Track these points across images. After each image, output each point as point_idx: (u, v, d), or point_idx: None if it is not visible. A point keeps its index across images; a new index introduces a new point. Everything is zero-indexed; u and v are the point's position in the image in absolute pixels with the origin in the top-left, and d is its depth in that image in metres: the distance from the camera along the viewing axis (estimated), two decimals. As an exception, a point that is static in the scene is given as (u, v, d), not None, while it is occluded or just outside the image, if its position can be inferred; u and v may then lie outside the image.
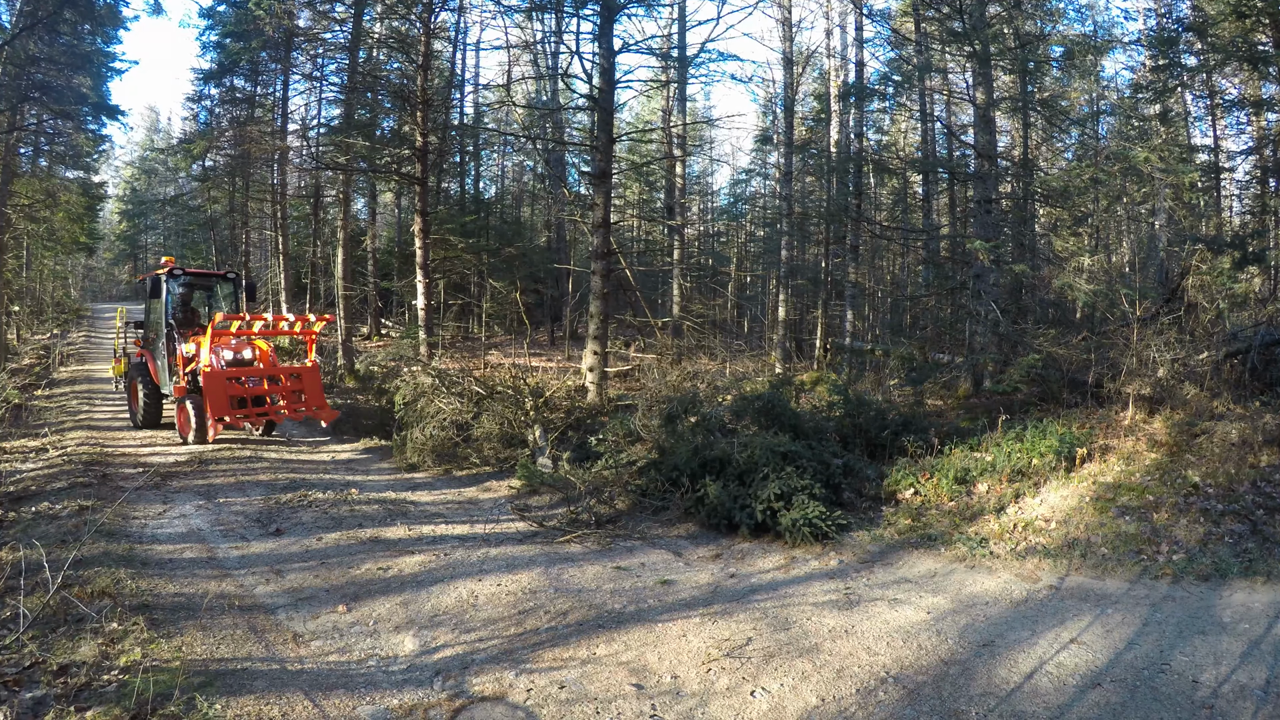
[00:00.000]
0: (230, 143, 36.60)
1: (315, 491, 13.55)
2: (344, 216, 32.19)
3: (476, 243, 34.05)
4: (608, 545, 10.98)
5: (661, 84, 36.38)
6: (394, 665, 7.19)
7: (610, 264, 20.53)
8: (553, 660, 7.22)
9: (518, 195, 49.08)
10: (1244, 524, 9.56)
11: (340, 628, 7.99)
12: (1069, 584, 8.87)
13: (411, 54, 28.19)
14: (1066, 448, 11.89)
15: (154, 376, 19.66)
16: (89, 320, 45.66)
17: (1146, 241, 32.27)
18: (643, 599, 8.78)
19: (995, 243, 17.30)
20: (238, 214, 40.80)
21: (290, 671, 6.97)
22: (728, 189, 58.29)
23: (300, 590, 9.02)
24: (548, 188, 41.65)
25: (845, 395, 15.26)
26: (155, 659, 6.85)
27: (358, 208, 42.32)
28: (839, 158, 30.11)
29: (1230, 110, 26.27)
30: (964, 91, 25.12)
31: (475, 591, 8.94)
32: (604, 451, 14.61)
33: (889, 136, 42.81)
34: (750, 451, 12.03)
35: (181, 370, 18.29)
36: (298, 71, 36.59)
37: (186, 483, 13.93)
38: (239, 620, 7.98)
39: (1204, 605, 7.98)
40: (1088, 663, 6.91)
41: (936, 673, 6.87)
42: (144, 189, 71.36)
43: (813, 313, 34.48)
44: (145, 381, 19.61)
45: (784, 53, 30.33)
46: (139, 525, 11.20)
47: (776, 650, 7.33)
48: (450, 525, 11.95)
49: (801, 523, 10.62)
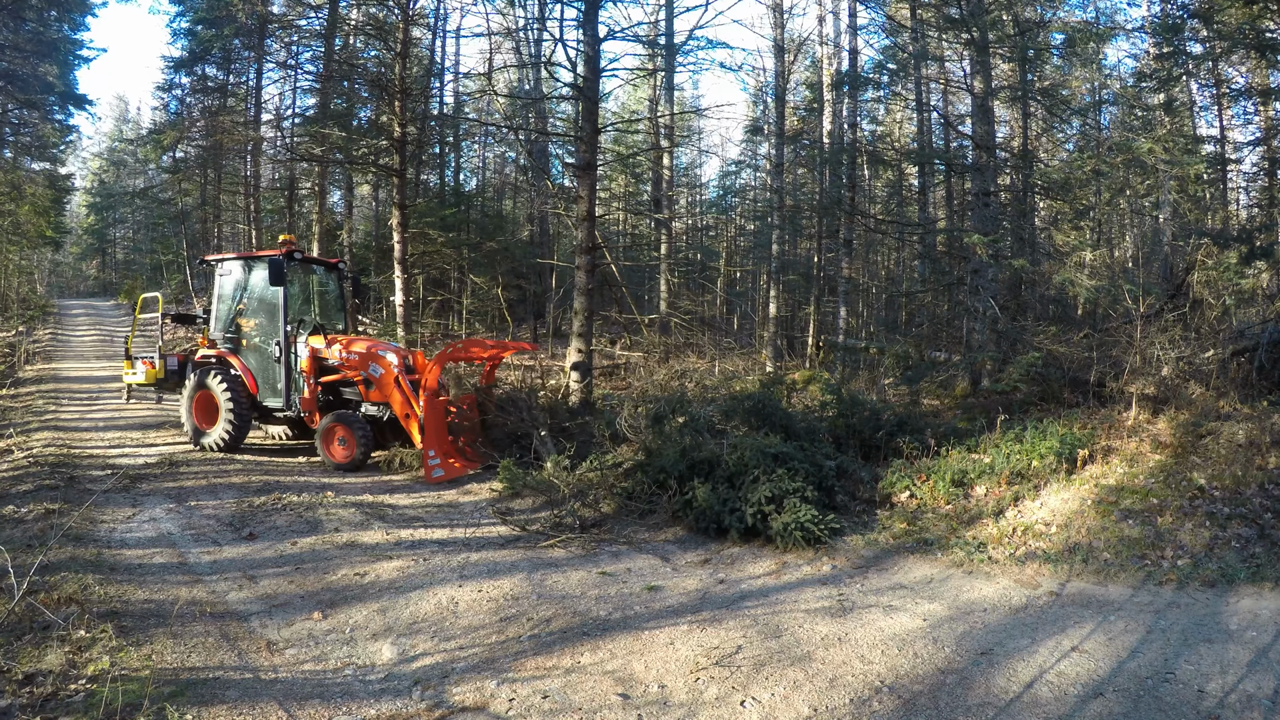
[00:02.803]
0: (202, 133, 36.62)
1: (290, 494, 13.50)
2: (320, 210, 32.21)
3: (457, 237, 33.93)
4: (592, 550, 10.95)
5: (648, 72, 36.47)
6: (371, 674, 7.16)
7: (595, 259, 20.50)
8: (536, 669, 7.21)
9: (499, 188, 48.96)
10: (1251, 528, 9.55)
11: (315, 635, 7.97)
12: (1070, 590, 8.86)
13: (389, 41, 28.20)
14: (1067, 449, 11.89)
15: (250, 385, 17.16)
16: (56, 317, 45.41)
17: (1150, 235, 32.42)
18: (629, 606, 8.75)
19: (994, 237, 17.33)
20: (209, 207, 40.77)
21: (264, 681, 6.95)
22: (717, 181, 58.17)
23: (274, 596, 8.98)
24: (530, 180, 41.49)
25: (838, 395, 15.25)
26: (124, 668, 6.84)
27: (334, 201, 42.38)
28: (832, 149, 30.10)
29: (1237, 99, 26.29)
30: (961, 80, 25.17)
31: (455, 598, 8.91)
32: (589, 453, 14.60)
33: (884, 127, 42.82)
34: (740, 453, 11.96)
35: (310, 380, 16.71)
36: (272, 59, 36.61)
37: (156, 485, 13.87)
38: (210, 627, 7.95)
39: (1210, 612, 7.98)
40: (1089, 672, 6.90)
41: (933, 682, 6.86)
42: (112, 181, 71.11)
43: (805, 309, 34.59)
44: (233, 391, 16.78)
45: (775, 40, 30.38)
46: (107, 529, 11.16)
47: (767, 659, 7.32)
48: (429, 529, 11.90)
49: (793, 527, 10.55)
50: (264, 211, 39.00)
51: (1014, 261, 17.48)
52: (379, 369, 16.08)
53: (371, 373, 16.17)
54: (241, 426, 16.88)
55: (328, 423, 16.14)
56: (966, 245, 17.69)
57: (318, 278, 19.12)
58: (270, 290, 17.03)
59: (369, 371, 16.22)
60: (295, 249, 17.32)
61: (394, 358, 16.14)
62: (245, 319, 17.59)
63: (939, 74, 31.01)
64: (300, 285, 18.69)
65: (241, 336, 17.60)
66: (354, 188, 39.97)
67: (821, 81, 32.08)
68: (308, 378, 16.71)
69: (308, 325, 17.70)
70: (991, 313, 17.08)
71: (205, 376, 17.08)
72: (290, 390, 17.00)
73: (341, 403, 17.05)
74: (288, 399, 17.01)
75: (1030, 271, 18.39)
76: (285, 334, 16.86)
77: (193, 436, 17.26)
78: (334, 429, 16.06)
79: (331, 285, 19.27)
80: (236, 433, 16.76)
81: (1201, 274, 16.04)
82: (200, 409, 17.29)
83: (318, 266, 18.78)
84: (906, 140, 39.98)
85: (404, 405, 15.68)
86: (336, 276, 19.17)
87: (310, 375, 16.70)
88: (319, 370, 16.84)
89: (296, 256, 17.23)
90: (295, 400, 16.96)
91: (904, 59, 26.78)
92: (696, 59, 78.49)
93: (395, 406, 15.89)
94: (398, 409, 15.84)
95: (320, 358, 16.80)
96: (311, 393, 16.67)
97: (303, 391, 16.75)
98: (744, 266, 45.74)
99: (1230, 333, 15.31)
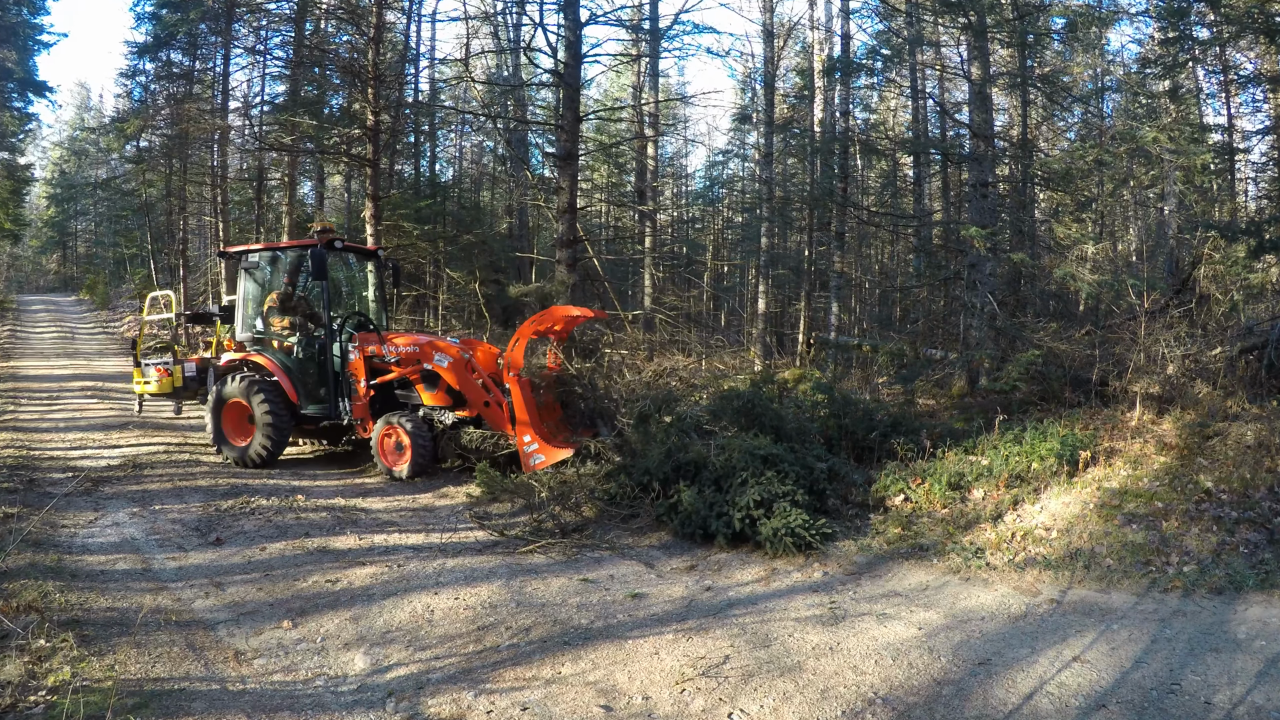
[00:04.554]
0: (166, 122, 36.37)
1: (258, 497, 13.49)
2: (289, 201, 32.20)
3: (432, 229, 33.88)
4: (574, 556, 10.95)
5: (632, 58, 36.37)
6: (343, 685, 7.15)
7: (576, 252, 20.55)
8: (515, 680, 7.21)
9: (477, 178, 48.88)
10: (1260, 532, 9.57)
11: (285, 645, 7.96)
12: (1071, 597, 8.88)
13: (362, 26, 28.05)
14: (1069, 451, 11.89)
15: (289, 392, 15.96)
16: (15, 313, 45.43)
17: (1155, 228, 32.44)
18: (611, 614, 8.74)
19: (992, 229, 17.33)
20: (174, 198, 40.46)
21: (231, 692, 6.93)
22: (703, 172, 58.38)
23: (242, 604, 8.97)
24: (509, 170, 41.52)
25: (830, 394, 15.25)
26: (86, 678, 6.84)
27: (304, 192, 42.30)
28: (823, 138, 30.07)
29: (1245, 86, 26.27)
30: (958, 66, 25.17)
31: (431, 606, 8.92)
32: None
33: (877, 115, 42.95)
34: (728, 455, 11.94)
35: (362, 383, 15.68)
36: (240, 45, 36.39)
37: (120, 488, 13.87)
38: (176, 637, 7.95)
39: (1217, 620, 8.00)
40: (1092, 682, 6.91)
41: (928, 693, 6.86)
42: (74, 171, 71.15)
43: (795, 305, 34.49)
44: (270, 399, 15.65)
45: (764, 24, 30.30)
46: (68, 534, 11.18)
47: (756, 669, 7.32)
48: (404, 534, 11.90)
49: (784, 532, 10.52)
50: (231, 203, 38.82)
51: (1013, 255, 17.51)
52: (446, 357, 15.12)
53: (438, 363, 15.16)
54: (281, 439, 15.92)
55: (384, 427, 15.27)
56: (963, 238, 17.68)
57: (353, 267, 18.44)
58: (310, 284, 16.43)
59: (434, 363, 15.22)
60: (335, 236, 16.44)
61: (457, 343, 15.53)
62: (277, 316, 16.54)
63: (935, 60, 31.04)
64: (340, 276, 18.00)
65: (273, 337, 16.59)
66: (325, 178, 40.06)
67: (812, 68, 32.03)
68: (358, 380, 15.76)
69: (352, 321, 16.81)
70: (989, 309, 17.09)
71: (235, 383, 15.97)
72: (337, 395, 16.04)
73: (394, 406, 15.93)
74: (334, 405, 16.08)
75: (1030, 266, 18.41)
76: (329, 332, 16.04)
77: (221, 451, 16.29)
78: (393, 433, 15.21)
79: (369, 275, 18.24)
80: (275, 447, 15.76)
81: (1208, 268, 16.09)
82: (229, 420, 16.28)
83: (352, 254, 17.93)
84: (901, 129, 40.08)
85: (482, 393, 14.83)
86: (375, 265, 18.05)
87: (362, 377, 15.73)
88: (370, 371, 15.86)
89: (337, 245, 16.44)
90: (345, 406, 15.97)
91: (898, 44, 26.78)
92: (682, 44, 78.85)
93: (471, 396, 14.96)
94: (474, 398, 14.93)
95: (374, 356, 15.83)
96: (365, 397, 15.70)
97: (354, 396, 15.77)
98: (732, 260, 45.81)
99: (1238, 329, 15.32)
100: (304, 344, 16.33)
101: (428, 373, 15.51)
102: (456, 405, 15.42)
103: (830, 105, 30.19)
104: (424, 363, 15.34)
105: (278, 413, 15.61)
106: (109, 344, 36.42)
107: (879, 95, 41.90)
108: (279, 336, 16.52)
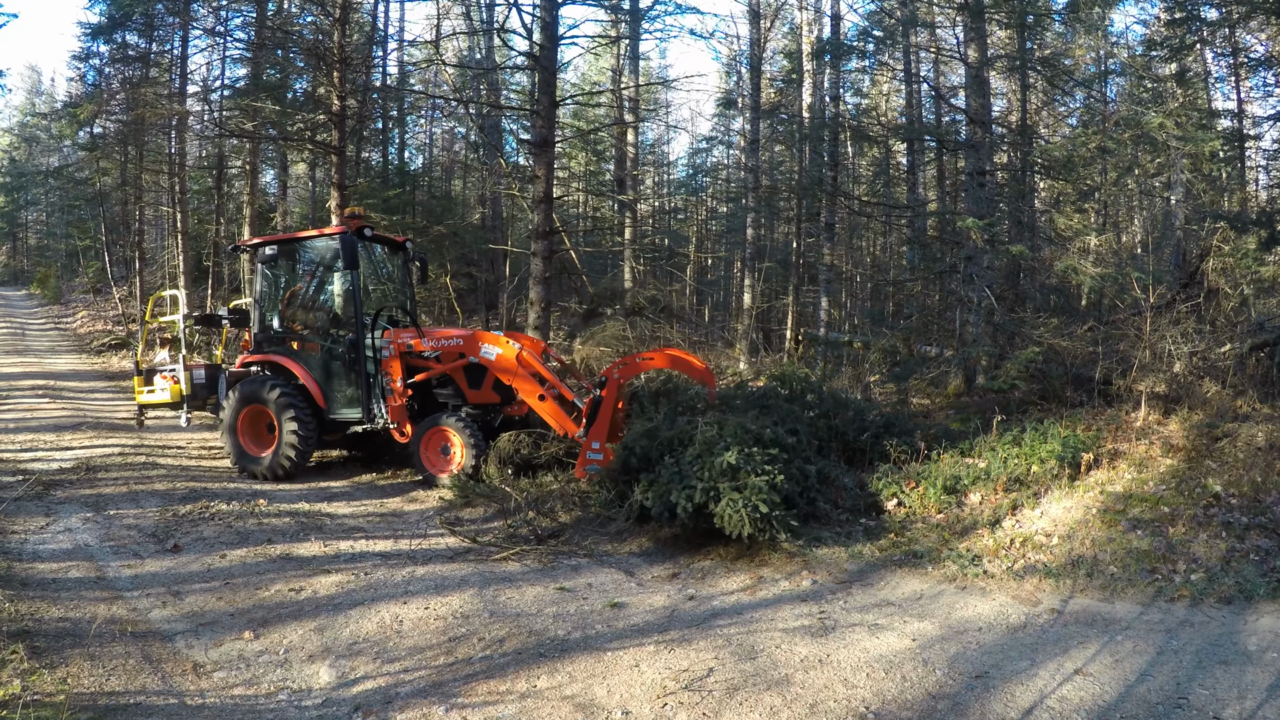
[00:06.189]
0: (122, 107, 36.24)
1: (218, 502, 13.45)
2: (251, 190, 32.07)
3: (401, 220, 33.70)
4: (550, 563, 10.94)
5: (611, 40, 36.30)
6: (307, 699, 7.13)
7: (553, 244, 20.49)
8: (487, 694, 7.18)
9: (448, 166, 48.69)
10: (1271, 539, 9.58)
11: (246, 657, 7.94)
12: (1073, 607, 8.89)
13: (327, 5, 27.89)
14: (1070, 453, 11.90)
15: (316, 395, 15.62)
16: (-39, 309, 45.31)
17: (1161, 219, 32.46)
18: (589, 624, 8.73)
19: (989, 220, 17.33)
20: (130, 187, 40.31)
21: (190, 706, 6.91)
22: (686, 159, 58.25)
23: (201, 614, 8.94)
24: (482, 158, 41.39)
25: (819, 393, 15.18)
26: (37, 692, 6.80)
27: (266, 180, 42.18)
28: (812, 124, 30.10)
29: (1256, 70, 26.30)
30: (954, 49, 25.21)
31: (400, 616, 8.89)
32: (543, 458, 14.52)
33: (869, 100, 42.87)
34: (717, 429, 11.54)
35: (398, 384, 15.24)
36: (198, 26, 36.16)
37: (72, 492, 13.82)
38: (132, 648, 7.91)
39: (1226, 631, 8.02)
40: (1095, 696, 6.92)
41: (923, 708, 6.85)
42: (24, 159, 70.64)
43: (783, 299, 34.58)
44: (295, 404, 15.25)
45: (750, 4, 30.50)
46: (19, 540, 11.14)
47: (741, 682, 7.30)
48: (371, 540, 11.87)
49: (743, 506, 10.13)
50: (190, 192, 38.62)
51: (1011, 247, 17.51)
52: (494, 349, 14.79)
53: (485, 355, 14.81)
54: (307, 448, 15.51)
55: (427, 429, 14.99)
56: (960, 229, 17.71)
57: (379, 260, 17.78)
58: (336, 277, 16.08)
59: (481, 356, 14.87)
60: (366, 224, 15.93)
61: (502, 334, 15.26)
62: (300, 313, 16.49)
63: (929, 42, 31.06)
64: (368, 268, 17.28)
65: (295, 336, 16.22)
66: (289, 166, 39.80)
67: (801, 50, 32.06)
68: (394, 380, 15.33)
69: (384, 316, 16.57)
70: (987, 303, 17.09)
71: (256, 388, 15.57)
72: (371, 398, 15.58)
73: (435, 407, 15.67)
74: (367, 409, 15.59)
75: (1029, 258, 18.44)
76: (361, 328, 15.58)
77: (239, 462, 15.79)
78: (439, 434, 14.98)
79: (395, 268, 18.07)
80: (300, 456, 15.36)
81: (1217, 261, 16.10)
82: (248, 428, 15.89)
83: (379, 245, 17.27)
84: (894, 114, 40.05)
85: (537, 385, 14.47)
86: (402, 257, 17.76)
87: (398, 377, 15.31)
88: (407, 369, 15.48)
89: (367, 234, 15.91)
90: (380, 410, 15.55)
91: (891, 25, 26.71)
92: (664, 25, 78.30)
93: (523, 388, 14.57)
94: (526, 390, 14.55)
95: (411, 352, 15.48)
96: (402, 397, 15.29)
97: (389, 397, 15.34)
98: (716, 253, 45.81)
99: (1249, 325, 15.37)
100: (330, 343, 15.97)
101: (472, 367, 15.28)
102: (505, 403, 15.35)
103: (819, 89, 30.22)
104: (469, 356, 15.06)
105: (304, 420, 15.29)
106: (61, 341, 36.32)
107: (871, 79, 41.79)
108: (303, 335, 16.24)
